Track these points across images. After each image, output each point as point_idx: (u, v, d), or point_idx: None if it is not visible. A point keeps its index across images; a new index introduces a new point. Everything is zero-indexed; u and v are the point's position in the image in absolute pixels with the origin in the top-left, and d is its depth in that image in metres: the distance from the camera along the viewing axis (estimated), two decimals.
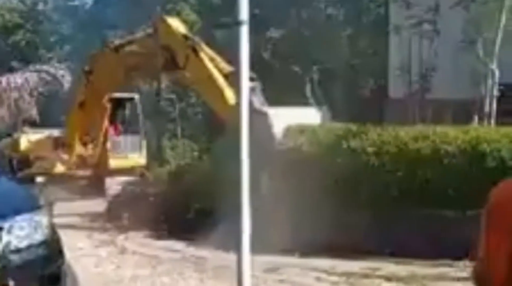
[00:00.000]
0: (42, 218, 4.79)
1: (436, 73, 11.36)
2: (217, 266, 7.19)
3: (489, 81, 9.71)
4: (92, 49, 14.07)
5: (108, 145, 13.81)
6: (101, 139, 13.49)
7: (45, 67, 19.69)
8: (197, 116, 21.84)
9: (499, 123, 9.43)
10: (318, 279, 6.80)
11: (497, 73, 9.71)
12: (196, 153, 17.76)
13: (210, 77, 9.89)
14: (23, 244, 4.60)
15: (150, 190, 11.79)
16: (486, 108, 9.62)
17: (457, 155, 7.70)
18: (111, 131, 14.18)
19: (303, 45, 21.09)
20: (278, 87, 19.45)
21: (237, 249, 3.21)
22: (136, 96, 15.51)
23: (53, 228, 4.82)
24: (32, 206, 4.90)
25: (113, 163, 13.70)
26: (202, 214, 9.16)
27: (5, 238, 4.55)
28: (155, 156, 17.57)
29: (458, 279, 6.55)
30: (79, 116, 12.93)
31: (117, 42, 12.22)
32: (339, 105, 18.44)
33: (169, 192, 10.86)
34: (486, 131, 8.10)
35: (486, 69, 9.76)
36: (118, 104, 14.25)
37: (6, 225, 4.56)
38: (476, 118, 9.73)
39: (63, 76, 18.10)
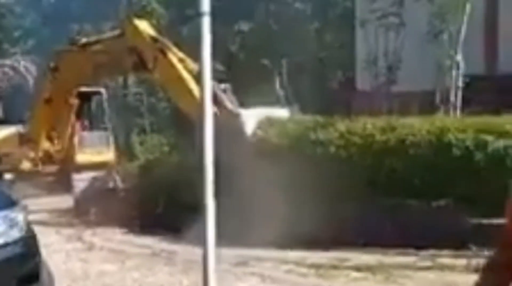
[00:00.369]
0: (18, 215, 4.68)
1: (402, 65, 11.48)
2: (187, 260, 7.16)
3: (454, 72, 9.85)
4: (57, 44, 13.87)
5: (75, 140, 13.66)
6: (68, 134, 13.33)
7: (8, 61, 19.34)
8: (166, 110, 21.70)
9: (464, 113, 9.57)
10: (288, 271, 6.83)
11: (462, 64, 9.85)
12: (165, 148, 17.67)
13: (179, 78, 9.86)
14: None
15: (119, 185, 11.68)
16: (452, 99, 9.76)
17: (423, 146, 7.79)
18: (78, 126, 14.03)
19: (272, 39, 21.10)
20: (247, 80, 19.43)
21: (203, 243, 3.20)
22: (103, 90, 15.35)
23: (28, 225, 4.72)
24: (7, 203, 4.79)
25: (80, 158, 13.55)
26: (172, 209, 9.12)
27: None
28: (124, 151, 17.42)
29: (422, 268, 6.65)
30: (45, 112, 12.75)
31: (84, 39, 12.09)
32: (307, 98, 18.52)
33: (138, 187, 10.78)
34: (451, 122, 8.22)
35: (451, 61, 9.90)
36: (85, 98, 14.10)
37: None
38: (441, 108, 9.87)
39: (26, 68, 17.78)
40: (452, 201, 7.52)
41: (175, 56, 10.15)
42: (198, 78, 9.82)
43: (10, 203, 4.80)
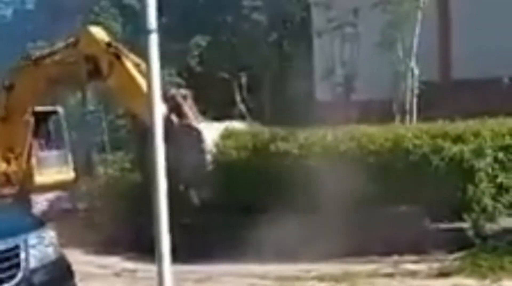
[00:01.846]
0: (50, 235, 4.53)
1: (360, 74, 11.61)
2: (148, 277, 7.06)
3: (410, 80, 10.00)
4: (12, 63, 13.63)
5: (33, 160, 13.38)
6: (25, 155, 13.06)
7: None
8: (125, 127, 21.50)
9: (420, 119, 9.72)
10: (252, 285, 6.80)
11: (416, 71, 10.01)
12: (126, 165, 17.49)
13: (133, 82, 9.80)
14: (39, 263, 4.33)
15: (80, 205, 11.48)
16: (408, 106, 9.91)
17: (381, 153, 7.88)
18: (36, 146, 13.76)
19: (230, 51, 21.14)
20: (207, 94, 19.38)
21: (158, 260, 3.15)
22: (60, 109, 15.11)
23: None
24: (37, 223, 4.64)
25: (39, 179, 13.26)
26: (135, 227, 9.01)
27: (23, 255, 4.25)
28: (84, 170, 17.17)
29: (385, 275, 6.70)
30: (0, 131, 12.48)
31: (37, 53, 11.90)
32: (267, 109, 18.59)
33: (100, 205, 10.63)
34: (408, 129, 8.34)
35: (406, 68, 10.05)
36: (42, 118, 13.85)
37: (20, 243, 4.25)
38: (398, 116, 10.00)
39: None
40: (412, 207, 7.61)
41: (130, 61, 10.08)
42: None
43: (40, 223, 4.65)
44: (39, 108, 13.06)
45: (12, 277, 4.21)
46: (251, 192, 8.11)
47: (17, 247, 4.24)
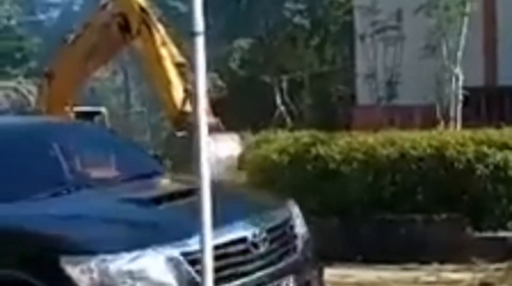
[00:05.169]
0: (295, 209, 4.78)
1: (402, 78, 11.48)
2: None
3: (453, 86, 9.84)
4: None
5: None
6: None
7: (10, 84, 19.40)
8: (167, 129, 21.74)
9: (464, 126, 9.55)
10: None
11: (461, 77, 9.84)
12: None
13: (159, 60, 9.87)
14: (303, 236, 4.63)
15: None
16: (452, 112, 9.74)
17: (424, 160, 7.76)
18: None
19: (271, 54, 21.18)
20: (247, 97, 19.43)
21: None
22: (104, 110, 15.35)
23: None
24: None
25: None
26: None
27: (297, 227, 4.59)
28: None
29: (428, 283, 6.59)
30: None
31: (73, 36, 11.98)
32: (308, 113, 18.52)
33: None
34: (452, 135, 8.19)
35: (450, 74, 9.89)
36: (84, 118, 14.06)
37: (290, 215, 4.59)
38: (442, 122, 9.84)
39: (28, 90, 17.82)
40: (454, 214, 7.47)
41: (159, 36, 10.13)
42: (179, 66, 10.00)
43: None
44: (81, 108, 13.23)
45: (294, 248, 4.45)
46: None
47: (289, 219, 4.51)
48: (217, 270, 3.59)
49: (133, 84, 23.82)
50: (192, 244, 3.69)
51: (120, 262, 3.61)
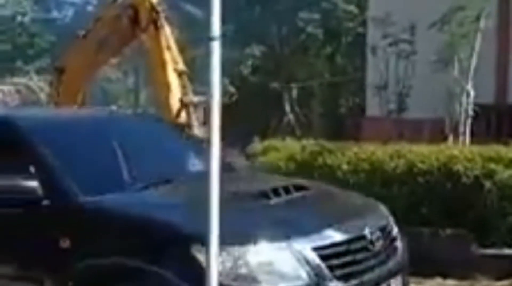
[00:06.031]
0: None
1: (413, 92, 11.50)
2: None
3: (464, 101, 9.85)
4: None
5: None
6: None
7: (22, 80, 19.51)
8: None
9: (473, 142, 9.55)
10: None
11: (472, 93, 9.85)
12: None
13: (163, 65, 9.85)
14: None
15: None
16: (461, 128, 9.74)
17: (432, 174, 7.77)
18: None
19: (283, 63, 21.23)
20: (257, 103, 19.46)
21: None
22: (114, 109, 15.39)
23: None
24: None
25: None
26: None
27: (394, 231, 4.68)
28: None
29: None
30: None
31: (85, 31, 11.97)
32: (316, 122, 18.55)
33: None
34: (460, 150, 8.20)
35: (461, 90, 9.91)
36: None
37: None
38: (451, 137, 9.85)
39: (41, 89, 17.92)
40: (460, 230, 7.47)
41: (165, 38, 10.10)
42: (180, 75, 9.94)
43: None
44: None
45: (395, 250, 4.56)
46: None
47: (389, 220, 4.66)
48: (343, 266, 3.80)
49: (143, 85, 23.94)
50: (323, 239, 3.84)
51: (253, 254, 3.65)
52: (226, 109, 10.82)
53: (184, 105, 9.82)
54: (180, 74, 10.03)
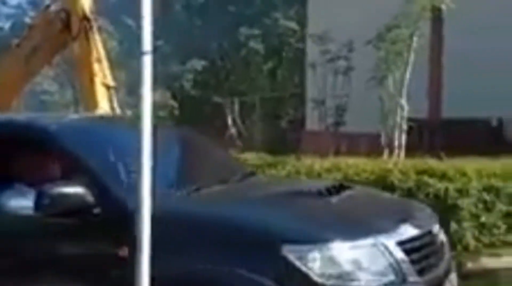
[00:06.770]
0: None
1: (350, 107, 11.80)
2: None
3: (398, 116, 10.17)
4: None
5: None
6: None
7: None
8: None
9: (408, 155, 9.86)
10: None
11: (406, 108, 10.19)
12: None
13: (92, 78, 9.68)
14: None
15: None
16: (396, 142, 10.05)
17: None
18: None
19: (225, 77, 21.36)
20: (199, 117, 19.46)
21: None
22: None
23: None
24: None
25: None
26: None
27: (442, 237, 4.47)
28: None
29: None
30: None
31: (18, 40, 11.67)
32: (258, 135, 18.70)
33: None
34: (395, 163, 8.46)
35: (396, 105, 10.23)
36: None
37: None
38: (386, 150, 10.14)
39: None
40: None
41: (96, 51, 9.91)
42: (108, 89, 9.78)
43: None
44: None
45: (445, 248, 4.44)
46: None
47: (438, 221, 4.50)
48: (420, 260, 3.81)
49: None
50: (402, 234, 3.84)
51: (345, 251, 3.60)
52: (167, 122, 10.86)
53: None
54: (108, 88, 9.87)
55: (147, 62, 3.07)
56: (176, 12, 20.39)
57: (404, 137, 10.16)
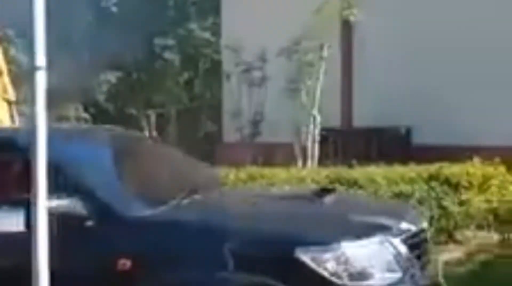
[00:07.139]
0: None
1: (265, 117, 11.90)
2: None
3: (312, 126, 10.36)
4: None
5: None
6: None
7: None
8: None
9: (322, 164, 10.06)
10: None
11: (318, 118, 10.40)
12: None
13: None
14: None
15: None
16: (309, 151, 10.23)
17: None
18: None
19: (140, 89, 21.08)
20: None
21: None
22: None
23: None
24: None
25: None
26: None
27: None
28: None
29: None
30: None
31: None
32: (175, 147, 18.49)
33: None
34: (308, 172, 8.61)
35: (309, 115, 10.42)
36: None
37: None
38: (300, 160, 10.30)
39: None
40: None
41: None
42: (10, 104, 9.46)
43: None
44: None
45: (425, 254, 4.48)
46: None
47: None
48: (419, 256, 3.98)
49: None
50: (404, 231, 4.00)
51: (359, 250, 3.71)
52: None
53: None
54: (9, 103, 9.49)
55: (40, 77, 2.94)
56: (90, 23, 19.99)
57: (317, 147, 10.35)
